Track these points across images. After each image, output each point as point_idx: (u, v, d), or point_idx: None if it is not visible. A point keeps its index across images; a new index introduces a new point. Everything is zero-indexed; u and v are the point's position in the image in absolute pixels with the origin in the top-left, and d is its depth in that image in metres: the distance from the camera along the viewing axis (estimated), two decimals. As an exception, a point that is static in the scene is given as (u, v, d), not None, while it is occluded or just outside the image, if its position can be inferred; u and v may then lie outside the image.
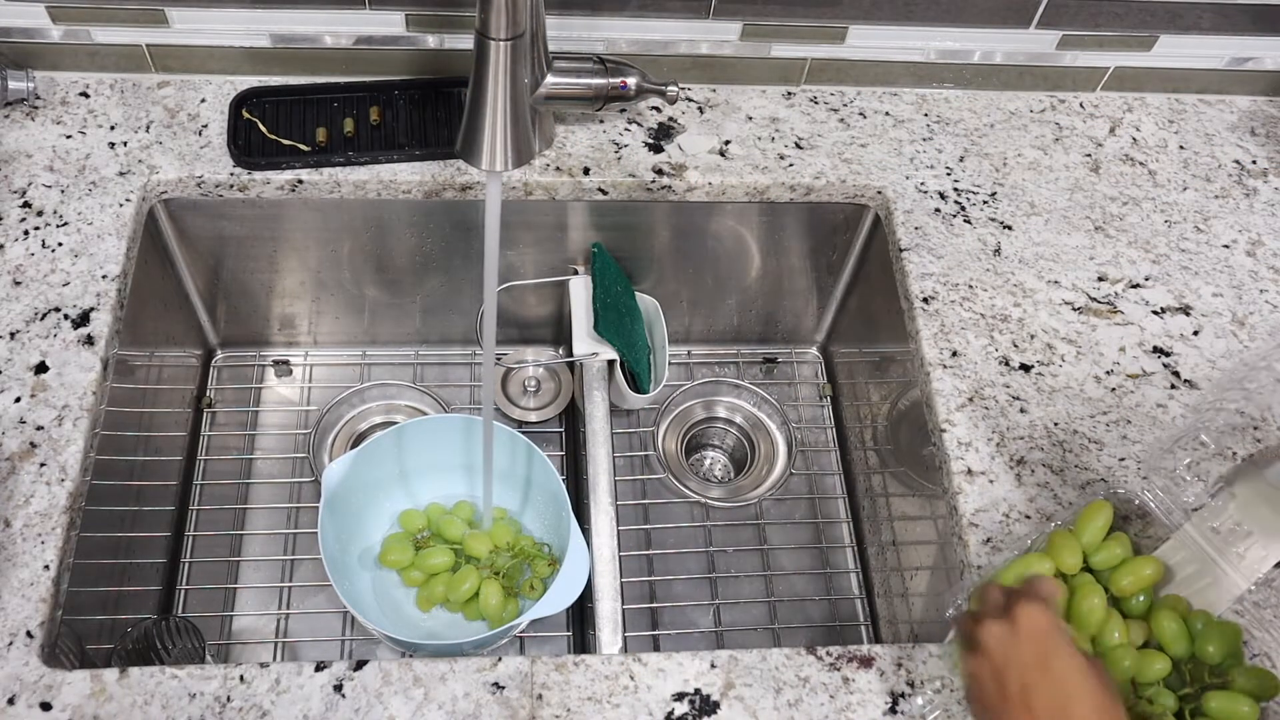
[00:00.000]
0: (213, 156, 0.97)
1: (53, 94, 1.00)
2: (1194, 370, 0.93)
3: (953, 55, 1.07)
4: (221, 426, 1.13)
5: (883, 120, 1.07)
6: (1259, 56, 1.10)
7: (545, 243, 1.07)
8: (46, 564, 0.75)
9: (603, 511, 0.93)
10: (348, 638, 1.01)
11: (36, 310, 0.87)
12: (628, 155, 1.01)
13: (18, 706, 0.69)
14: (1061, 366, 0.92)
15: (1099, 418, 0.89)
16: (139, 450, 0.96)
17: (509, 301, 1.14)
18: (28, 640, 0.72)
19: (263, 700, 0.71)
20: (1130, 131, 1.10)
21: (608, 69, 0.93)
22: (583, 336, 1.03)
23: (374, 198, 0.99)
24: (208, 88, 1.02)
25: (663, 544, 1.10)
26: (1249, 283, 0.99)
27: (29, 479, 0.78)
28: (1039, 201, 1.03)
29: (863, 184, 1.02)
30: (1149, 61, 1.10)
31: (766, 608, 1.08)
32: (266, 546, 1.07)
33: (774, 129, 1.05)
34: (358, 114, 1.00)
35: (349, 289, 1.11)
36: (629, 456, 1.16)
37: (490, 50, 0.68)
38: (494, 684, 0.73)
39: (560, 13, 0.98)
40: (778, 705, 0.74)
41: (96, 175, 0.95)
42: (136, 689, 0.71)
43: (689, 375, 1.21)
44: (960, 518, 0.83)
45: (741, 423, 1.19)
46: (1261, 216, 1.05)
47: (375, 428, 1.14)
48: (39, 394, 0.82)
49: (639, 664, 0.75)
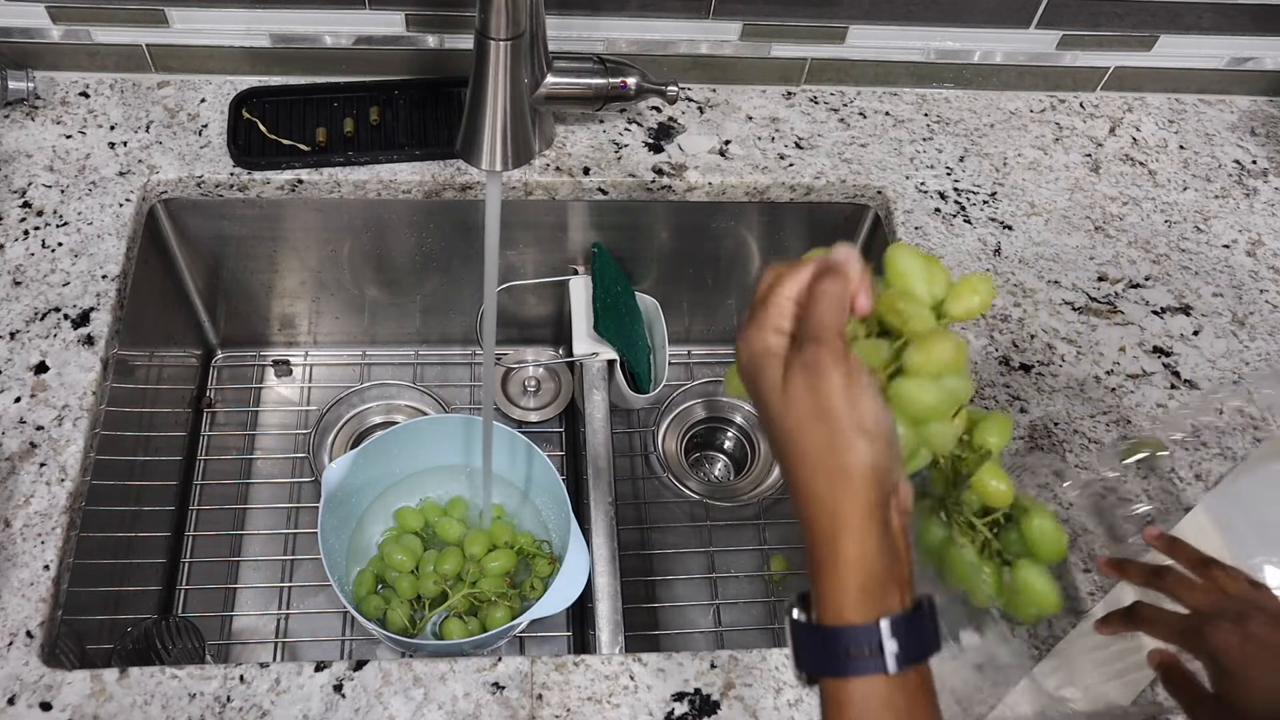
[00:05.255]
0: (213, 156, 0.97)
1: (53, 94, 1.00)
2: (1194, 370, 0.93)
3: (953, 55, 1.07)
4: (221, 426, 1.13)
5: (883, 120, 1.07)
6: (1259, 56, 1.10)
7: (545, 243, 1.07)
8: (46, 564, 0.75)
9: (602, 511, 0.93)
10: (348, 638, 1.01)
11: (36, 310, 0.87)
12: (628, 155, 1.01)
13: (18, 706, 0.69)
14: (1061, 366, 0.92)
15: (1099, 418, 0.89)
16: (139, 450, 0.96)
17: (509, 301, 1.14)
18: (28, 640, 0.72)
19: (263, 700, 0.71)
20: (1130, 131, 1.10)
21: (608, 69, 0.93)
22: (583, 336, 1.03)
23: (374, 198, 0.99)
24: (208, 88, 1.02)
25: (663, 544, 1.10)
26: (1249, 283, 0.99)
27: (29, 479, 0.78)
28: (1039, 201, 1.03)
29: (863, 184, 1.02)
30: (1149, 61, 1.10)
31: (766, 608, 1.08)
32: (266, 546, 1.07)
33: (774, 129, 1.05)
34: (358, 114, 1.00)
35: (349, 289, 1.11)
36: (629, 456, 1.16)
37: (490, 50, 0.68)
38: (494, 684, 0.73)
39: (560, 13, 0.98)
40: (778, 705, 0.74)
41: (96, 175, 0.95)
42: (136, 689, 0.71)
43: (689, 375, 1.21)
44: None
45: (741, 423, 1.19)
46: (1261, 216, 1.05)
47: (375, 428, 1.14)
48: (39, 394, 0.82)
49: (639, 664, 0.75)
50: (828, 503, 0.48)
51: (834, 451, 0.48)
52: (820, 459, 0.49)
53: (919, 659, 0.48)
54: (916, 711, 0.48)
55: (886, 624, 0.47)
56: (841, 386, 0.48)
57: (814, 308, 0.50)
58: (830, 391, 0.48)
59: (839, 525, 0.48)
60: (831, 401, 0.48)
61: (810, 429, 0.49)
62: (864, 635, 0.48)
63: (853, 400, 0.48)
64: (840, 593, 0.48)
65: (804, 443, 0.49)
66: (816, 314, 0.50)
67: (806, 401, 0.49)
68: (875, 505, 0.48)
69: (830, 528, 0.48)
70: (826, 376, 0.48)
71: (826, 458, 0.49)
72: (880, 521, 0.49)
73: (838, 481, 0.48)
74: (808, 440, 0.49)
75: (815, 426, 0.49)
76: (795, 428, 0.49)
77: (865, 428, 0.48)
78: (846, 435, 0.48)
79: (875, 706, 0.47)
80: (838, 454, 0.48)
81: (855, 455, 0.48)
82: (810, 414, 0.49)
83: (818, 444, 0.49)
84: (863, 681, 0.47)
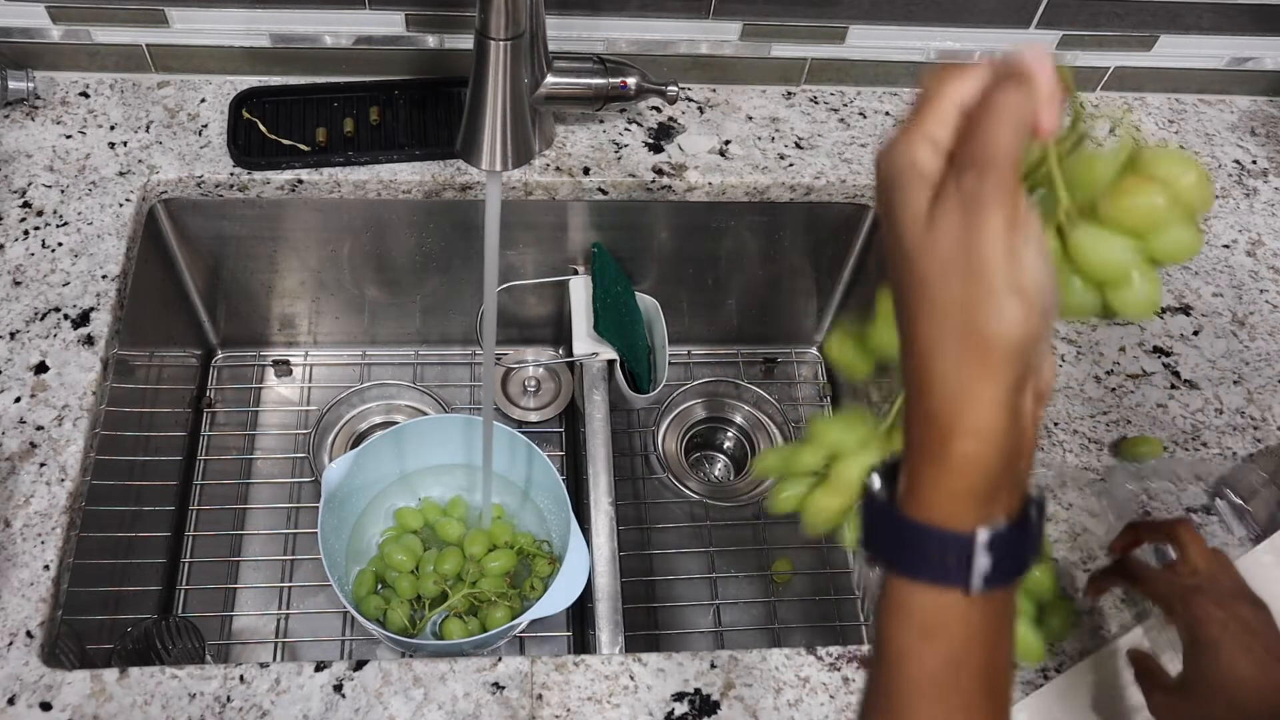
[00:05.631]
0: (213, 156, 0.97)
1: (53, 94, 1.00)
2: (1194, 370, 0.93)
3: (953, 55, 1.07)
4: (221, 426, 1.13)
5: (883, 120, 1.07)
6: (1259, 56, 1.10)
7: (545, 243, 1.07)
8: (46, 564, 0.75)
9: (603, 511, 0.93)
10: (348, 638, 1.01)
11: (36, 310, 0.87)
12: (628, 155, 1.01)
13: (18, 706, 0.69)
14: (1061, 366, 0.92)
15: (1099, 418, 0.89)
16: (139, 450, 0.96)
17: (509, 301, 1.14)
18: (28, 640, 0.72)
19: (263, 700, 0.71)
20: (1130, 131, 1.10)
21: (608, 69, 0.93)
22: (583, 336, 1.03)
23: (374, 198, 0.99)
24: (208, 88, 1.02)
25: (663, 544, 1.10)
26: (1249, 283, 0.99)
27: (29, 479, 0.78)
28: (1039, 201, 1.03)
29: (863, 184, 1.02)
30: (1149, 61, 1.10)
31: (766, 608, 1.08)
32: (266, 546, 1.07)
33: (774, 129, 1.05)
34: (358, 114, 1.00)
35: (349, 289, 1.11)
36: (629, 456, 1.16)
37: (490, 50, 0.68)
38: (494, 684, 0.73)
39: (560, 13, 0.98)
40: (778, 705, 0.74)
41: (96, 175, 0.95)
42: (136, 689, 0.71)
43: (689, 375, 1.21)
44: (960, 518, 0.83)
45: (741, 423, 1.19)
46: (1261, 216, 1.05)
47: (375, 428, 1.14)
48: (39, 394, 0.82)
49: (639, 664, 0.75)
50: (953, 377, 0.39)
51: (977, 313, 0.38)
52: (957, 319, 0.39)
53: (1009, 579, 0.40)
54: (990, 635, 0.41)
55: (986, 536, 0.39)
56: (1002, 231, 0.38)
57: (985, 122, 0.38)
58: (988, 236, 0.38)
59: (962, 408, 0.39)
60: (987, 250, 0.38)
61: (952, 279, 0.38)
62: (953, 544, 0.40)
63: (1013, 251, 0.38)
64: (940, 492, 0.40)
65: (941, 294, 0.39)
66: (987, 131, 0.38)
67: (955, 243, 0.38)
68: (1011, 389, 0.39)
69: (950, 409, 0.39)
70: (987, 215, 0.38)
71: (966, 319, 0.38)
72: (1012, 410, 0.39)
73: (973, 353, 0.39)
74: (946, 293, 0.39)
75: (960, 278, 0.38)
76: (933, 273, 0.39)
77: (1023, 288, 0.38)
78: (997, 296, 0.38)
79: (946, 621, 0.40)
80: (981, 317, 0.38)
81: (1003, 323, 0.38)
82: (957, 260, 0.38)
83: (958, 299, 0.39)
84: (936, 592, 0.40)
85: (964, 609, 0.40)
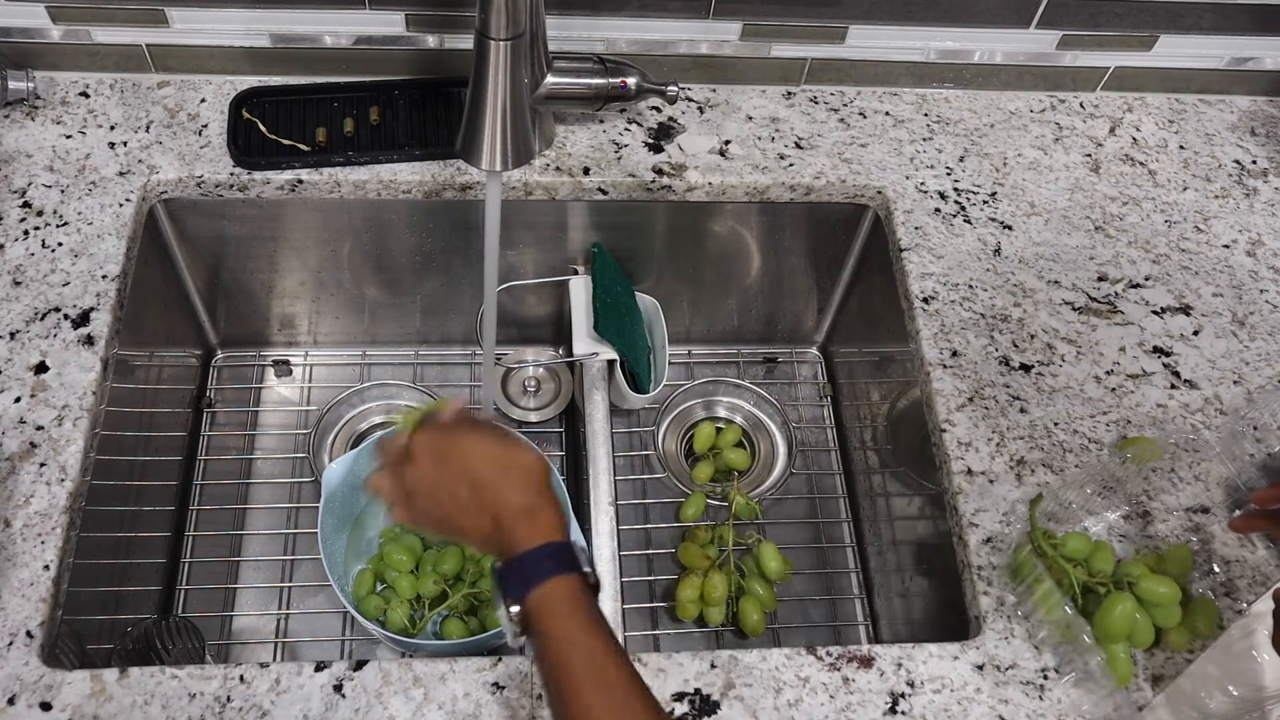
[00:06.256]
0: (213, 156, 0.97)
1: (53, 94, 1.00)
2: (1194, 370, 0.93)
3: (953, 55, 1.07)
4: (221, 426, 1.13)
5: (883, 120, 1.08)
6: (1259, 56, 1.10)
7: (545, 243, 1.07)
8: (46, 564, 0.75)
9: (603, 511, 0.93)
10: (348, 638, 1.01)
11: (36, 310, 0.87)
12: (628, 155, 1.01)
13: (18, 706, 0.69)
14: (1061, 366, 0.92)
15: (1099, 418, 0.89)
16: (139, 450, 0.96)
17: (509, 301, 1.14)
18: (28, 640, 0.72)
19: (263, 700, 0.71)
20: (1130, 131, 1.10)
21: (608, 69, 0.93)
22: (583, 336, 1.03)
23: (374, 198, 0.99)
24: (208, 88, 1.02)
25: (663, 544, 1.10)
26: (1249, 283, 0.99)
27: (29, 479, 0.78)
28: (1039, 201, 1.03)
29: (863, 184, 1.02)
30: (1149, 61, 1.10)
31: (766, 608, 1.08)
32: (266, 546, 1.07)
33: (774, 129, 1.05)
34: (358, 114, 1.00)
35: (349, 289, 1.11)
36: (629, 456, 1.16)
37: (490, 50, 0.68)
38: (494, 684, 0.73)
39: (560, 13, 0.98)
40: (778, 705, 0.74)
41: (96, 175, 0.95)
42: (136, 689, 0.71)
43: (689, 375, 1.21)
44: (960, 518, 0.83)
45: (742, 423, 1.19)
46: (1261, 216, 1.05)
47: (375, 428, 1.13)
48: (39, 394, 0.82)
49: (639, 664, 0.75)
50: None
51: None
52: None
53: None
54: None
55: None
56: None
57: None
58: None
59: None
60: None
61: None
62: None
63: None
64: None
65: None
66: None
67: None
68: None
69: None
70: None
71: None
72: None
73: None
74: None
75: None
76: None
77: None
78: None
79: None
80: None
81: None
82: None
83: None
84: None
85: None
